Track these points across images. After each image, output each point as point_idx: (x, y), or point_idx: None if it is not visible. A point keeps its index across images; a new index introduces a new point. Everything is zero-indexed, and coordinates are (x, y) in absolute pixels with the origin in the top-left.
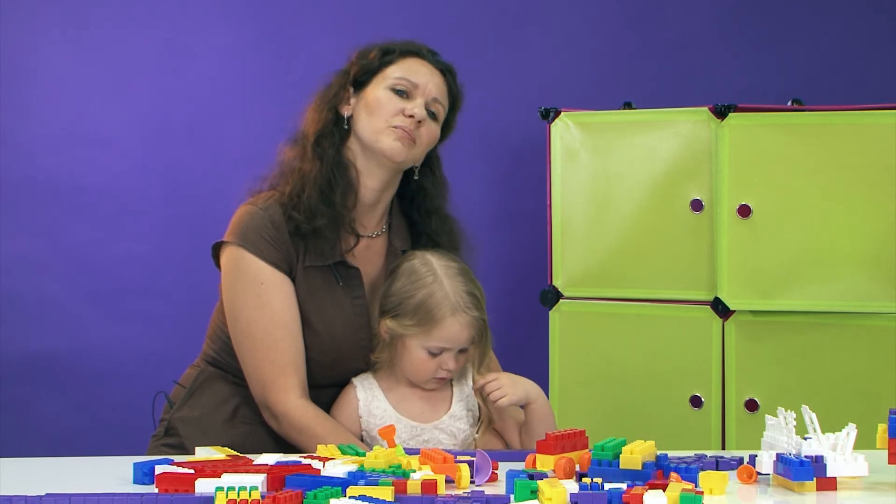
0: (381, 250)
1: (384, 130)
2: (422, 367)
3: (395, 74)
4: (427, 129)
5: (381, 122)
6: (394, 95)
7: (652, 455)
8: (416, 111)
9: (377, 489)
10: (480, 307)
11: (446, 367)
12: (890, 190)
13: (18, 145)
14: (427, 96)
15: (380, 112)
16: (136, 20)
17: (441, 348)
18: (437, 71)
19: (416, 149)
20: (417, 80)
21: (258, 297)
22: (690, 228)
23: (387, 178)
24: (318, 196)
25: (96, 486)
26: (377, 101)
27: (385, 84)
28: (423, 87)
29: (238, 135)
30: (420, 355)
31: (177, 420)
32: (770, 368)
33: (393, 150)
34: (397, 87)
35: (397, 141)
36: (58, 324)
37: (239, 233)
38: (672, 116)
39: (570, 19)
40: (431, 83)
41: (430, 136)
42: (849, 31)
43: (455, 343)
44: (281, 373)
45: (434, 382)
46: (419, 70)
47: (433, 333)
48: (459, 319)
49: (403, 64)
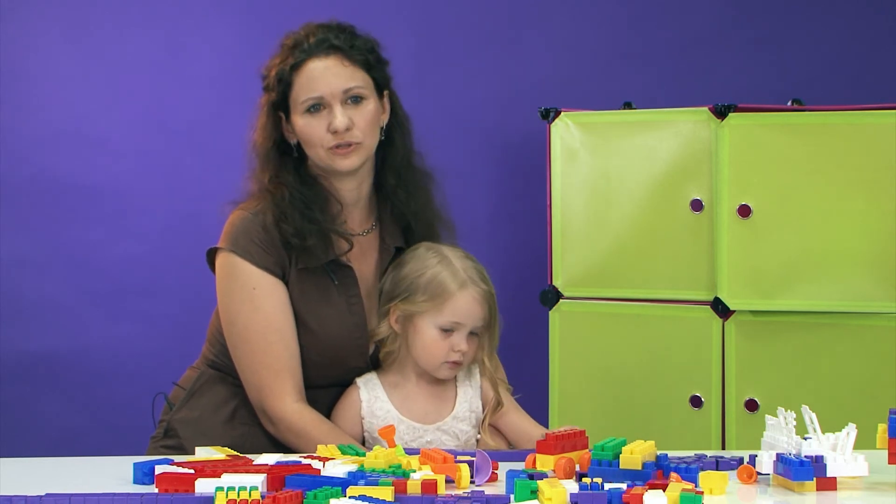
0: (372, 248)
1: (326, 155)
2: (434, 349)
3: (300, 97)
4: (360, 118)
5: (318, 149)
6: (313, 117)
7: (652, 455)
8: (337, 123)
9: (377, 489)
10: (489, 282)
11: (459, 348)
12: (890, 190)
13: (18, 145)
14: (338, 94)
15: (311, 141)
16: (136, 20)
17: (453, 324)
18: (329, 59)
19: (364, 144)
20: (319, 90)
21: (251, 302)
22: (690, 228)
23: (360, 173)
24: (300, 216)
25: (96, 486)
26: (303, 132)
27: (299, 110)
28: (329, 90)
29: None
30: (432, 334)
31: (176, 421)
32: (770, 368)
33: (345, 166)
34: (309, 107)
35: (343, 158)
36: (58, 324)
37: (231, 239)
38: (672, 116)
39: (570, 19)
40: (332, 79)
41: (365, 122)
42: (849, 31)
43: (467, 318)
44: (276, 377)
45: (447, 368)
46: (315, 76)
47: (445, 308)
48: (471, 292)
49: (299, 79)
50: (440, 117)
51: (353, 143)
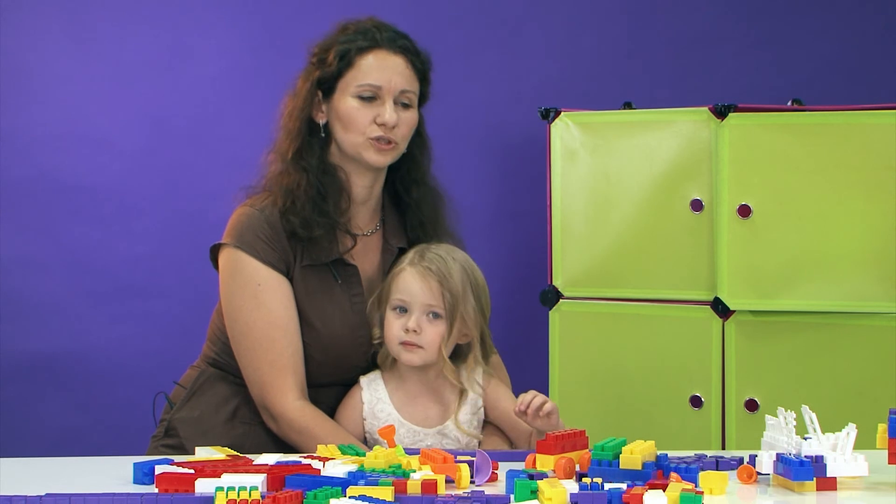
0: (376, 248)
1: (363, 144)
2: (389, 331)
3: (357, 81)
4: (404, 122)
5: (357, 136)
6: (362, 105)
7: (652, 455)
8: (388, 118)
9: (377, 489)
10: (445, 264)
11: (408, 326)
12: (890, 190)
13: (18, 145)
14: (394, 91)
15: (353, 126)
16: (137, 20)
17: (400, 301)
18: (398, 57)
19: (399, 147)
20: (381, 81)
21: (255, 298)
22: (690, 228)
23: (376, 174)
24: (312, 207)
25: (96, 486)
26: (348, 115)
27: (350, 92)
28: (389, 85)
29: (238, 135)
30: (388, 317)
31: (177, 421)
32: (770, 368)
33: (377, 161)
34: (363, 94)
35: (378, 153)
36: (58, 324)
37: (236, 234)
38: (672, 116)
39: (569, 19)
40: (395, 76)
41: (408, 127)
42: (849, 31)
43: (410, 294)
44: (279, 374)
45: (404, 351)
46: (380, 66)
47: (393, 287)
48: (413, 270)
49: (363, 63)
50: (440, 117)
51: (392, 142)
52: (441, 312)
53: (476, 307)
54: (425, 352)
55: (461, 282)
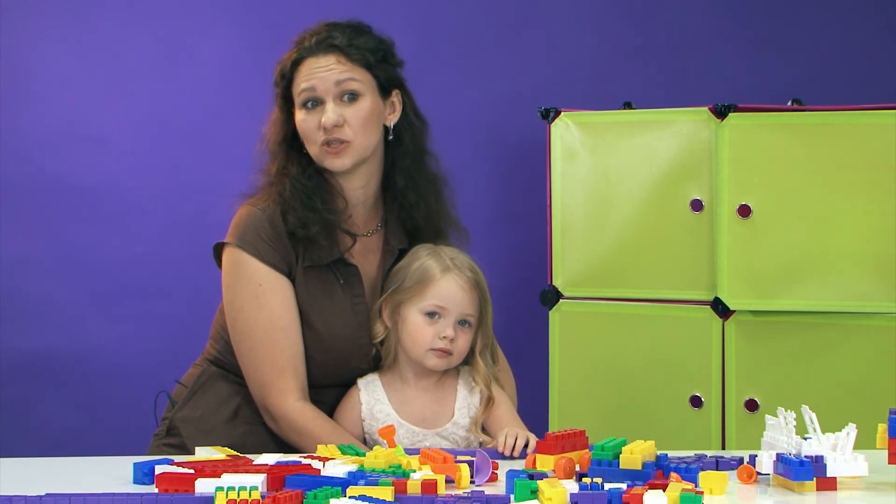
0: (376, 249)
1: (319, 152)
2: (419, 335)
3: (298, 89)
4: (351, 116)
5: (312, 146)
6: (308, 114)
7: (652, 455)
8: (325, 119)
9: (377, 489)
10: (478, 273)
11: (444, 334)
12: (890, 190)
13: (18, 145)
14: (331, 89)
15: (307, 137)
16: (137, 20)
17: (437, 307)
18: (327, 57)
19: (355, 143)
20: (314, 83)
21: (257, 298)
22: (690, 228)
23: (363, 173)
24: (301, 205)
25: (96, 486)
26: (300, 127)
27: (298, 104)
28: (323, 85)
29: (238, 135)
30: (417, 321)
31: (178, 420)
32: (770, 368)
33: (334, 166)
34: (305, 102)
35: (334, 157)
36: (58, 324)
37: (238, 234)
38: (672, 116)
39: (570, 19)
40: (326, 73)
41: (358, 119)
42: (849, 31)
43: (450, 302)
44: (280, 374)
45: (434, 357)
46: (310, 71)
47: (428, 292)
48: (454, 277)
49: (298, 74)
50: (440, 117)
51: (344, 142)
52: (472, 321)
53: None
54: (454, 358)
55: (488, 290)
